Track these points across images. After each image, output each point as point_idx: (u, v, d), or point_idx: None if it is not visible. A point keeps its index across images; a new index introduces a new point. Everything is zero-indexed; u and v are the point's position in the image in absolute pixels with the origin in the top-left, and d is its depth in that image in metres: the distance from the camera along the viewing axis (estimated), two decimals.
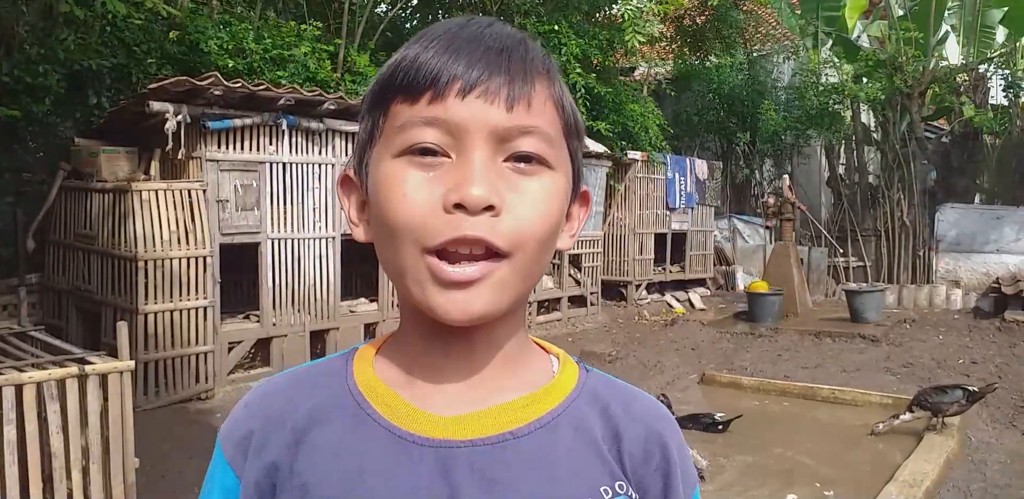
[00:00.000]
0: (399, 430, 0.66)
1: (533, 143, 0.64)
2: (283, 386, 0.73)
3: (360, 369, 0.72)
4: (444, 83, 0.62)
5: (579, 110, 0.71)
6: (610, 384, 0.76)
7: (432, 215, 0.61)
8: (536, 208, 0.64)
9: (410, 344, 0.71)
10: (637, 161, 10.64)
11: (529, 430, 0.67)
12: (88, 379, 3.10)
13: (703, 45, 13.38)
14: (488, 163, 0.62)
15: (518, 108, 0.63)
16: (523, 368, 0.72)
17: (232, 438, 0.72)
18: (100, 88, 6.80)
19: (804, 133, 13.52)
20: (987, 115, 11.76)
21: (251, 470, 0.69)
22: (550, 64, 0.68)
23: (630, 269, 10.87)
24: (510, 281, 0.64)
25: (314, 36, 7.96)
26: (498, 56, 0.64)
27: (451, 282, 0.62)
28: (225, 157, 5.95)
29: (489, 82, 0.63)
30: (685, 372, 7.15)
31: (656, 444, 0.72)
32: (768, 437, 5.36)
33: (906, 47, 11.82)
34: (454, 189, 0.61)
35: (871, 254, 12.77)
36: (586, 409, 0.71)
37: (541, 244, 0.65)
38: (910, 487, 4.17)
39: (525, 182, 0.64)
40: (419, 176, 0.63)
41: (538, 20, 9.72)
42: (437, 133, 0.63)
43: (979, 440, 5.23)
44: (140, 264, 5.50)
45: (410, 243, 0.62)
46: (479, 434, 0.66)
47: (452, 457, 0.65)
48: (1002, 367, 7.21)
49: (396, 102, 0.65)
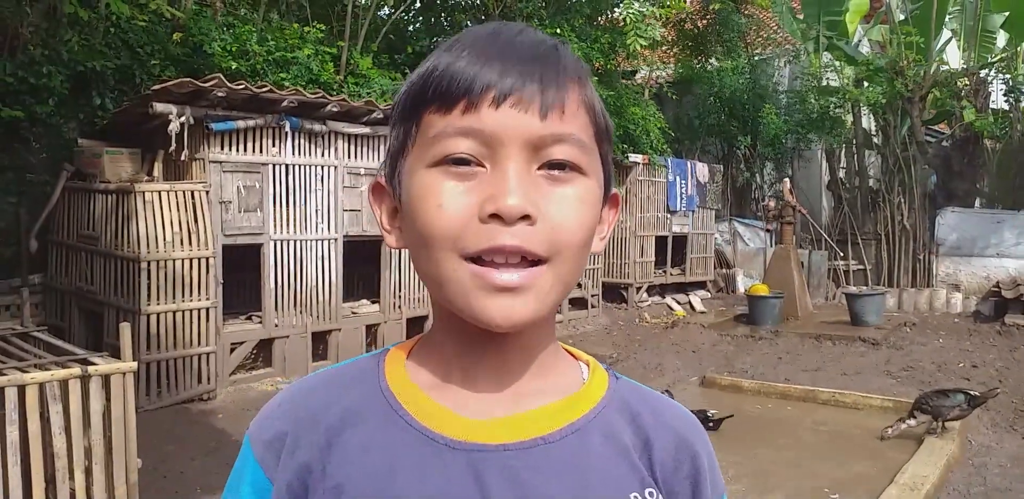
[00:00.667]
0: (431, 432, 0.66)
1: (567, 151, 0.64)
2: (316, 387, 0.73)
3: (392, 371, 0.72)
4: (478, 92, 0.62)
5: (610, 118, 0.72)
6: (640, 392, 0.76)
7: (468, 225, 0.62)
8: (571, 215, 0.64)
9: (442, 347, 0.71)
10: (638, 164, 10.65)
11: (561, 436, 0.68)
12: (91, 380, 3.10)
13: (705, 49, 13.42)
14: (523, 172, 0.63)
15: (552, 116, 0.63)
16: (554, 374, 0.72)
17: (263, 437, 0.71)
18: (104, 89, 6.82)
19: (805, 137, 13.53)
20: (988, 119, 11.77)
21: (283, 471, 0.69)
22: (582, 69, 0.68)
23: (631, 271, 10.88)
24: (551, 287, 0.64)
25: (317, 38, 7.99)
26: (531, 64, 0.64)
27: (497, 287, 0.62)
28: (228, 158, 5.97)
29: (523, 90, 0.63)
30: (686, 375, 7.16)
31: (686, 453, 0.73)
32: (769, 440, 5.37)
33: (907, 51, 11.84)
34: (490, 199, 0.61)
35: (871, 258, 12.77)
36: (616, 416, 0.72)
37: (578, 250, 0.65)
38: (911, 490, 4.17)
39: (559, 190, 0.64)
40: (454, 186, 0.63)
41: (540, 24, 9.74)
42: (471, 143, 0.63)
43: (979, 444, 5.23)
44: (143, 265, 5.51)
45: (448, 251, 0.63)
46: (511, 438, 0.66)
47: (484, 460, 0.65)
48: (1002, 371, 7.22)
49: (429, 112, 0.65)
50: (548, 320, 0.71)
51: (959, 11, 13.09)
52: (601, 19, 11.35)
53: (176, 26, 7.24)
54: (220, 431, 5.17)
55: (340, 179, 6.68)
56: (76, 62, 6.57)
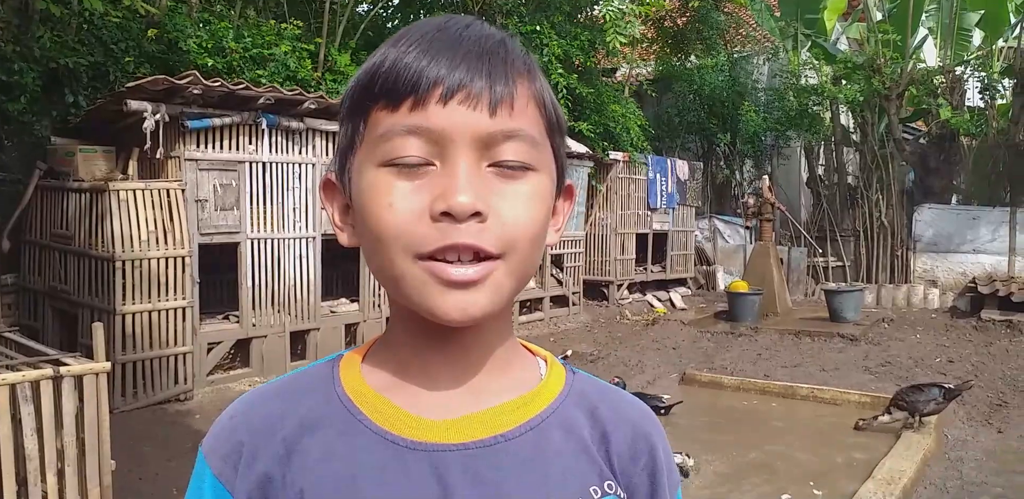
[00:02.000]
0: (390, 435, 0.66)
1: (516, 147, 0.64)
2: (268, 396, 0.72)
3: (347, 375, 0.71)
4: (425, 89, 0.62)
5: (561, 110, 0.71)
6: (596, 386, 0.77)
7: (420, 224, 0.62)
8: (522, 211, 0.64)
9: (399, 348, 0.71)
10: (619, 161, 10.67)
11: (520, 432, 0.68)
12: (63, 381, 3.06)
13: (684, 46, 13.45)
14: (473, 169, 0.62)
15: (501, 112, 0.63)
16: (512, 370, 0.73)
17: (219, 452, 0.70)
18: (77, 87, 6.72)
19: (784, 134, 13.63)
20: (964, 117, 11.89)
21: (242, 483, 0.68)
22: (531, 62, 0.68)
23: (612, 269, 10.90)
24: (505, 282, 0.64)
25: (294, 35, 7.92)
26: (478, 59, 0.63)
27: (453, 282, 0.62)
28: (204, 156, 5.90)
29: (470, 86, 0.62)
30: (666, 371, 7.18)
31: (644, 444, 0.73)
32: (749, 435, 5.40)
33: (884, 49, 11.94)
34: (440, 197, 0.61)
35: (850, 254, 12.88)
36: (574, 411, 0.72)
37: (531, 244, 0.65)
38: (888, 484, 4.21)
39: (510, 186, 0.64)
40: (404, 185, 0.63)
41: (520, 20, 9.72)
42: (420, 142, 0.62)
43: (956, 438, 5.29)
44: (118, 264, 5.44)
45: (400, 251, 0.62)
46: (471, 437, 0.67)
47: (444, 460, 0.65)
48: (978, 366, 7.30)
49: (376, 109, 0.64)
50: (505, 315, 0.71)
51: (935, 9, 13.23)
52: (581, 16, 11.34)
53: (151, 22, 7.14)
54: (197, 432, 5.12)
55: (318, 177, 6.63)
56: (49, 59, 6.48)
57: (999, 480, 4.56)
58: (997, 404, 6.13)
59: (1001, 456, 5.00)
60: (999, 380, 6.79)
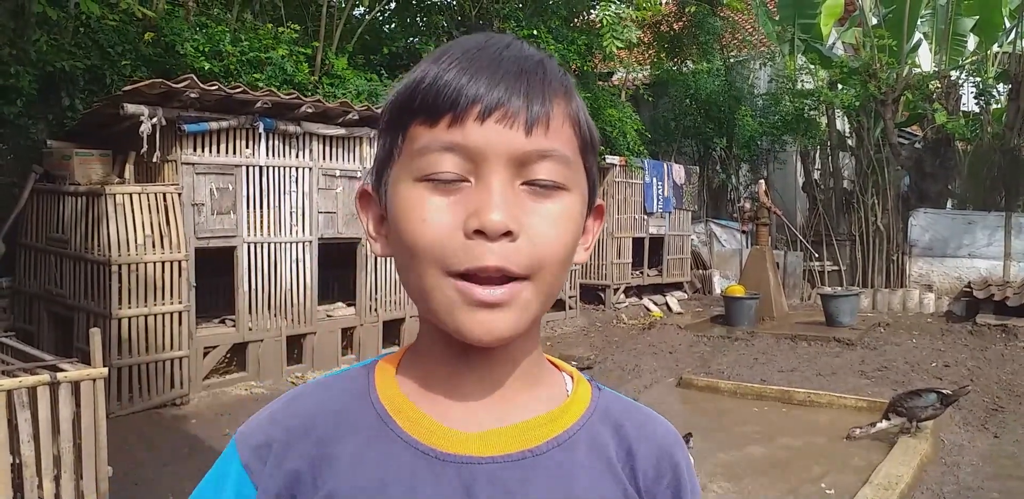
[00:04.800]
0: (422, 445, 0.67)
1: (550, 167, 0.65)
2: (307, 397, 0.74)
3: (382, 382, 0.72)
4: (463, 107, 0.63)
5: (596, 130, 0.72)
6: (622, 403, 0.78)
7: (452, 239, 0.63)
8: (553, 231, 0.65)
9: (429, 359, 0.72)
10: (615, 166, 10.68)
11: (548, 448, 0.69)
12: (60, 386, 3.05)
13: (680, 51, 13.49)
14: (506, 188, 0.63)
15: (537, 131, 0.64)
16: (540, 386, 0.74)
17: (251, 442, 0.71)
18: (73, 90, 6.72)
19: (780, 139, 13.65)
20: (959, 122, 11.93)
21: (270, 479, 0.69)
22: (568, 83, 0.69)
23: (608, 273, 10.91)
24: (533, 302, 0.65)
25: (291, 39, 7.92)
26: (516, 79, 0.64)
27: (480, 302, 0.63)
28: (201, 160, 5.89)
29: (508, 106, 0.63)
30: (663, 376, 7.18)
31: (668, 463, 0.75)
32: (744, 440, 5.39)
33: (880, 54, 11.98)
34: (474, 215, 0.62)
35: (846, 258, 12.90)
36: (600, 428, 0.73)
37: (559, 266, 0.67)
38: (885, 490, 4.21)
39: (542, 205, 0.65)
40: (439, 200, 0.64)
41: (517, 25, 9.74)
42: (456, 158, 0.63)
43: (952, 443, 5.29)
44: (114, 268, 5.43)
45: (432, 265, 0.64)
46: (499, 451, 0.68)
47: (473, 473, 0.66)
48: (974, 370, 7.31)
49: (415, 124, 0.65)
50: (532, 331, 0.72)
51: (931, 15, 13.29)
52: (577, 21, 11.37)
53: (148, 26, 7.14)
54: (193, 436, 5.10)
55: (315, 181, 6.63)
56: (45, 62, 6.47)
57: (995, 485, 4.57)
58: (993, 409, 6.14)
59: (997, 461, 5.00)
60: (995, 385, 6.80)
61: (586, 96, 10.02)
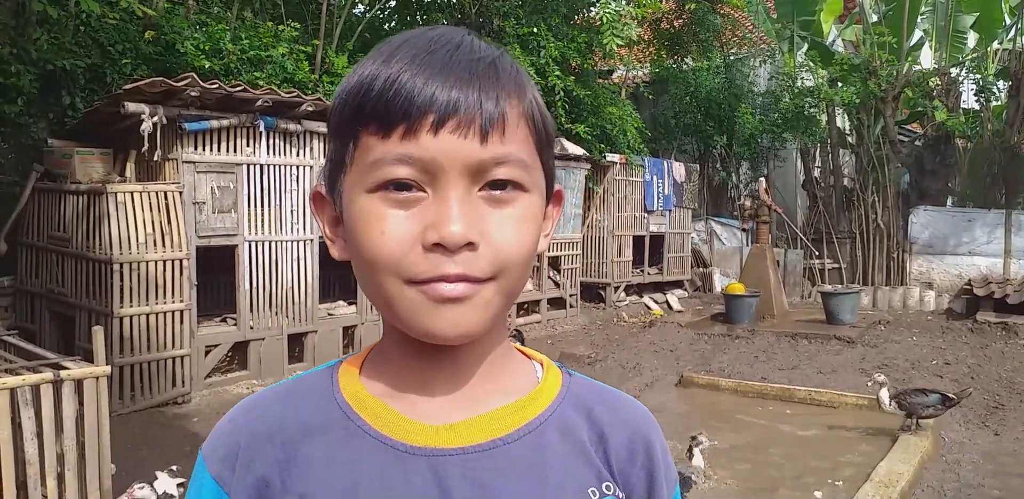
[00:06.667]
0: (390, 440, 0.67)
1: (508, 171, 0.64)
2: (268, 401, 0.73)
3: (346, 382, 0.72)
4: (416, 117, 0.62)
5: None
6: (593, 387, 0.77)
7: (411, 252, 0.62)
8: (514, 236, 0.64)
9: (395, 357, 0.71)
10: (616, 163, 10.69)
11: (518, 436, 0.69)
12: (63, 384, 3.06)
13: (680, 48, 13.47)
14: (464, 197, 0.63)
15: (492, 138, 0.63)
16: (508, 375, 0.73)
17: (217, 454, 0.71)
18: (74, 88, 6.72)
19: (780, 136, 13.65)
20: (959, 119, 11.93)
21: (239, 486, 0.68)
22: (521, 78, 0.68)
23: (609, 271, 10.91)
24: (495, 300, 0.65)
25: (292, 37, 7.91)
26: (468, 85, 0.63)
27: (443, 298, 0.63)
28: (202, 159, 5.90)
29: (461, 115, 0.62)
30: (663, 374, 7.19)
31: (641, 444, 0.74)
32: (746, 438, 5.40)
33: (880, 51, 11.98)
34: (433, 227, 0.61)
35: (846, 256, 12.91)
36: (572, 413, 0.73)
37: (522, 266, 0.66)
38: (886, 487, 4.22)
39: (501, 212, 0.64)
40: (396, 214, 0.63)
41: (517, 22, 9.73)
42: (411, 170, 0.62)
43: (953, 440, 5.30)
44: (115, 267, 5.43)
45: (393, 276, 0.63)
46: (469, 442, 0.67)
47: (444, 465, 0.66)
48: (974, 368, 7.32)
49: (366, 133, 0.64)
50: (499, 326, 0.71)
51: (931, 12, 13.27)
52: (577, 18, 11.37)
53: (148, 24, 7.13)
54: (195, 435, 5.11)
55: (315, 179, 6.61)
56: (46, 61, 6.47)
57: (996, 482, 4.58)
58: (994, 406, 6.15)
59: (998, 458, 5.01)
60: (995, 382, 6.81)
61: (586, 94, 10.02)
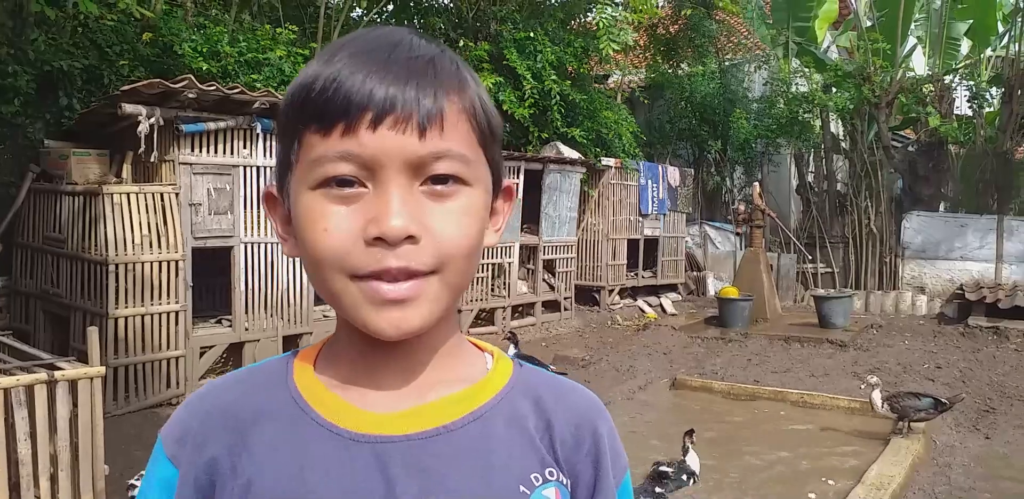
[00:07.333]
0: (337, 428, 0.69)
1: (448, 165, 0.66)
2: (223, 388, 0.76)
3: (300, 372, 0.74)
4: (354, 115, 0.63)
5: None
6: (543, 376, 0.79)
7: (354, 247, 0.64)
8: (455, 229, 0.66)
9: (346, 349, 0.74)
10: (611, 168, 10.72)
11: (463, 423, 0.71)
12: (57, 385, 3.06)
13: (676, 54, 13.53)
14: (404, 193, 0.64)
15: (431, 133, 0.64)
16: (458, 366, 0.75)
17: (172, 435, 0.74)
18: (71, 89, 6.71)
19: (774, 141, 13.70)
20: (952, 125, 12.01)
21: (189, 465, 0.71)
22: (463, 74, 0.69)
23: (603, 274, 10.94)
24: (441, 295, 0.67)
25: (289, 40, 7.93)
26: (406, 83, 0.64)
27: (386, 301, 0.65)
28: (198, 160, 5.91)
29: (399, 111, 0.63)
30: (657, 376, 7.21)
31: (587, 431, 0.76)
32: (738, 441, 5.43)
33: (874, 58, 12.04)
34: (374, 222, 0.63)
35: (839, 260, 12.96)
36: (520, 401, 0.75)
37: (465, 259, 0.68)
38: (877, 490, 4.25)
39: (442, 205, 0.66)
40: (338, 209, 0.65)
41: (514, 27, 9.77)
42: (352, 166, 0.64)
43: (944, 443, 5.34)
44: (111, 268, 5.43)
45: (337, 271, 0.65)
46: (415, 429, 0.69)
47: (388, 451, 0.68)
48: (966, 372, 7.36)
49: (308, 132, 0.66)
50: (449, 319, 0.73)
51: (924, 19, 13.36)
52: (574, 23, 11.40)
53: (146, 26, 7.14)
54: None
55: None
56: (43, 62, 6.47)
57: (987, 485, 4.61)
58: (985, 410, 6.19)
59: (989, 462, 5.05)
60: (986, 386, 6.85)
61: (582, 98, 10.05)
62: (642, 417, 6.00)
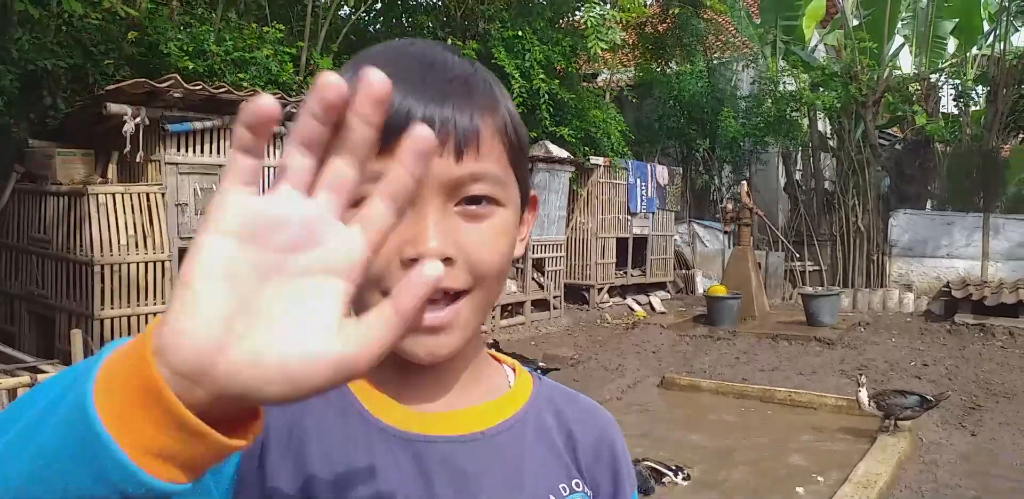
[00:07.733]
0: (381, 423, 0.70)
1: (483, 187, 0.66)
2: None
3: None
4: (390, 136, 0.63)
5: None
6: (561, 390, 0.83)
7: (390, 266, 0.64)
8: (489, 250, 0.67)
9: (382, 365, 0.73)
10: (599, 166, 10.73)
11: (498, 430, 0.73)
12: None
13: (664, 52, 13.56)
14: (440, 214, 0.64)
15: (467, 156, 0.64)
16: (485, 378, 0.77)
17: None
18: (56, 89, 6.67)
19: (762, 140, 13.75)
20: (938, 124, 12.08)
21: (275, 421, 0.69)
22: (494, 92, 0.69)
23: (592, 273, 10.95)
24: (473, 317, 0.68)
25: (276, 38, 7.89)
26: (442, 106, 0.64)
27: (423, 329, 0.65)
28: (185, 160, 5.88)
29: (437, 133, 0.61)
30: (645, 375, 7.23)
31: (606, 445, 0.80)
32: (726, 439, 5.45)
33: (861, 56, 12.10)
34: (410, 243, 0.63)
35: (827, 258, 13.03)
36: (544, 414, 0.77)
37: (497, 278, 0.69)
38: (864, 488, 4.27)
39: (477, 225, 0.66)
40: None
41: (502, 25, 9.76)
42: None
43: (930, 441, 5.37)
44: (96, 269, 5.40)
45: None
46: (453, 432, 0.71)
47: (427, 451, 0.69)
48: (952, 369, 7.41)
49: None
50: (476, 336, 0.74)
51: (911, 17, 13.43)
52: (562, 22, 11.40)
53: (131, 25, 7.09)
54: None
55: None
56: (27, 61, 6.42)
57: (973, 482, 4.64)
58: (971, 407, 6.23)
59: (974, 459, 5.09)
60: (972, 383, 6.90)
61: (571, 97, 10.06)
62: (630, 416, 6.01)
